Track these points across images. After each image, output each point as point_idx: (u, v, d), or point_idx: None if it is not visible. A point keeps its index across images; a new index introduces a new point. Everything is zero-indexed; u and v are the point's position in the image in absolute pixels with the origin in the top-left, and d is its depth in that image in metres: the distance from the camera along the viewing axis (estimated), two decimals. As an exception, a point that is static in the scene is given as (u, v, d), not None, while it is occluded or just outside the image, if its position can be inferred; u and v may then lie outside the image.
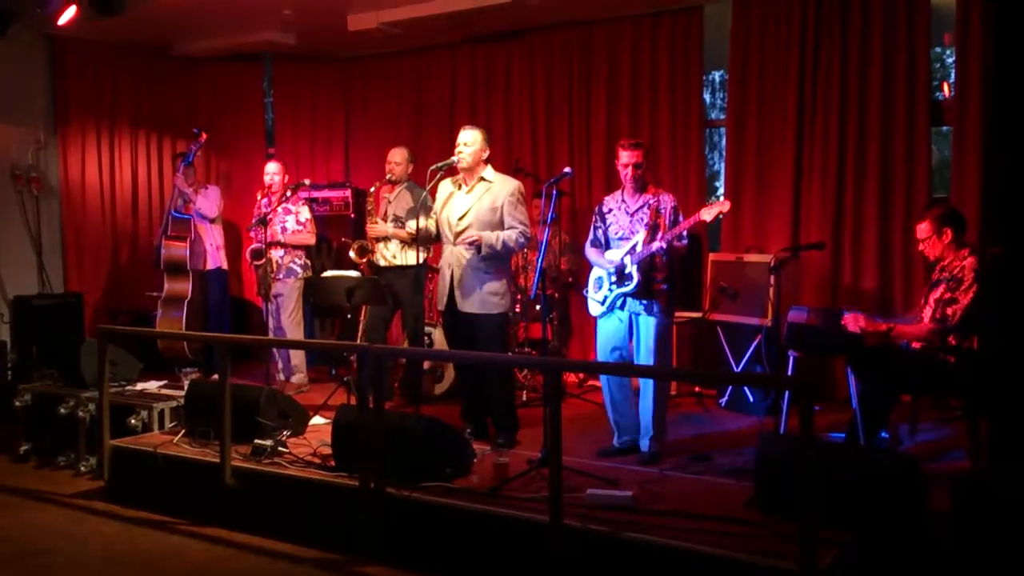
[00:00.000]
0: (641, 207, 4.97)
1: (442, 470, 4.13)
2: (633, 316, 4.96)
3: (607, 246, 5.09)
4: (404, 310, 6.44)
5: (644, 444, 5.00)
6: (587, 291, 5.19)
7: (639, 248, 4.85)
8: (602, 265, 5.05)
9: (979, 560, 2.71)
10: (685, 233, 4.85)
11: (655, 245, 4.78)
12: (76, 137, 8.18)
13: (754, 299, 6.05)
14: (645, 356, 4.92)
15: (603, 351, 5.13)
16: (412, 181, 6.59)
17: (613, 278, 4.96)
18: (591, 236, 5.21)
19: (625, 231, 4.99)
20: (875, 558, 3.39)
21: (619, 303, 4.97)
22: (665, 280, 4.92)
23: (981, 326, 4.30)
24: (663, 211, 4.92)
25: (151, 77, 8.68)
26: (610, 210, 5.11)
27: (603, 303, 5.02)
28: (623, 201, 5.06)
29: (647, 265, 4.86)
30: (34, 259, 7.86)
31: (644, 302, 4.90)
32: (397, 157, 6.54)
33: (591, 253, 5.17)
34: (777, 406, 5.51)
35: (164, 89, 8.77)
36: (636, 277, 4.84)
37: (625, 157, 4.95)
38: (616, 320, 5.02)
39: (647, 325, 4.92)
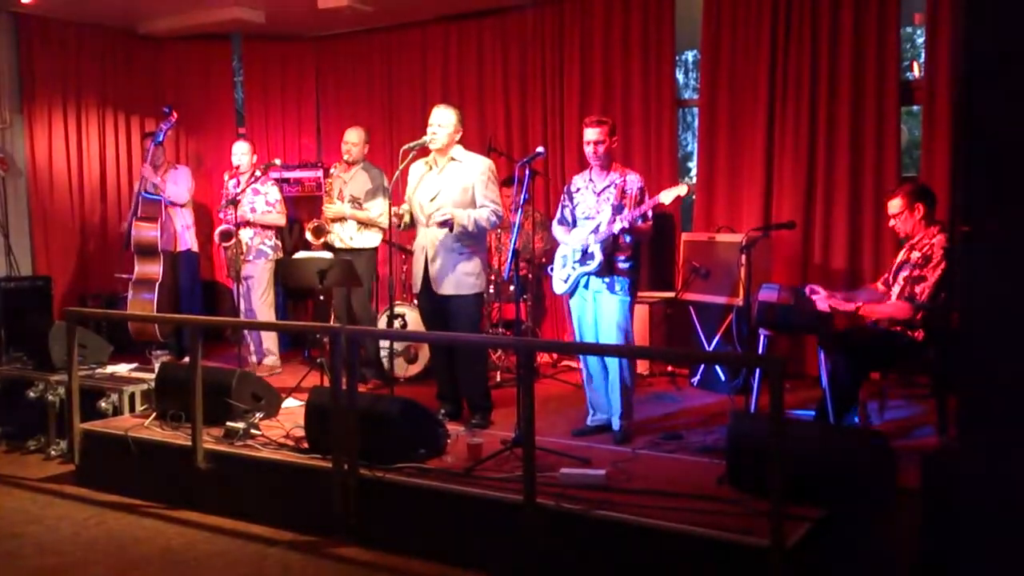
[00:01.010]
0: (607, 187, 4.99)
1: (416, 451, 4.13)
2: (595, 295, 4.99)
3: (574, 225, 5.11)
4: (353, 291, 6.43)
5: (615, 424, 5.04)
6: (551, 269, 5.21)
7: (602, 228, 4.87)
8: (567, 243, 5.07)
9: (947, 536, 2.75)
10: (650, 214, 4.87)
11: (617, 225, 4.80)
12: (42, 117, 8.06)
13: (726, 278, 6.09)
14: (606, 335, 4.96)
15: (578, 331, 5.15)
16: (368, 161, 6.60)
17: (576, 256, 4.99)
18: (558, 214, 5.23)
19: (591, 210, 5.01)
20: (845, 534, 3.44)
21: (584, 282, 5.01)
22: (628, 260, 4.95)
23: (949, 304, 4.35)
24: (629, 191, 4.94)
25: (117, 56, 8.57)
26: (578, 189, 5.12)
27: (566, 281, 5.06)
28: (590, 180, 5.07)
29: (610, 245, 4.88)
30: (1, 241, 7.74)
31: (607, 280, 4.93)
32: (353, 137, 6.55)
33: (557, 231, 5.19)
34: (748, 384, 5.55)
35: (131, 69, 8.66)
36: (598, 257, 4.88)
37: (589, 134, 4.96)
38: (582, 300, 5.06)
39: (609, 304, 4.95)
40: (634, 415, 5.15)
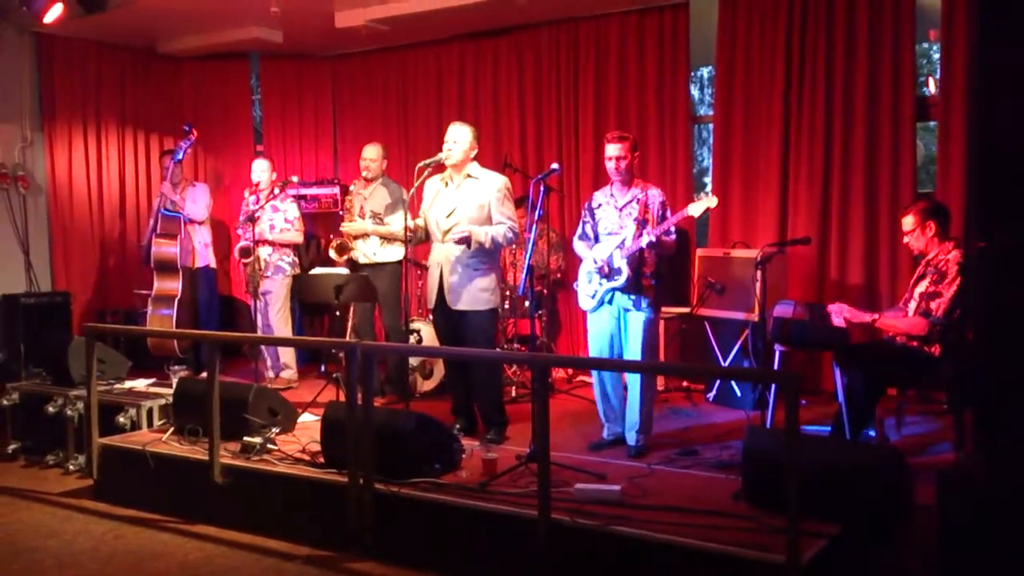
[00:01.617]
0: (630, 202, 5.00)
1: (431, 466, 4.14)
2: (622, 311, 5.00)
3: (596, 241, 5.12)
4: (382, 306, 6.46)
5: (631, 438, 5.04)
6: (577, 285, 5.22)
7: (628, 243, 4.88)
8: (588, 258, 5.08)
9: (963, 551, 2.74)
10: (673, 228, 4.88)
11: (644, 240, 4.81)
12: (63, 135, 8.15)
13: (741, 294, 6.08)
14: (633, 351, 4.96)
15: (594, 346, 5.16)
16: (387, 176, 6.64)
17: (604, 271, 4.99)
18: (579, 231, 5.24)
19: (614, 226, 5.03)
20: (861, 550, 3.42)
21: (608, 298, 5.00)
22: (653, 275, 4.96)
23: (965, 319, 4.34)
24: (651, 206, 4.95)
25: (137, 75, 8.67)
26: (599, 205, 5.14)
27: (593, 297, 5.06)
28: (612, 196, 5.09)
29: (636, 260, 4.89)
30: (21, 257, 7.82)
31: (633, 297, 4.94)
32: (372, 153, 6.59)
33: (579, 247, 5.20)
34: (764, 400, 5.54)
35: (150, 87, 8.77)
36: (625, 272, 4.88)
37: (610, 150, 4.98)
38: (606, 315, 5.05)
39: (636, 320, 4.96)
40: (652, 431, 5.15)
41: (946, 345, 4.51)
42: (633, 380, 5.04)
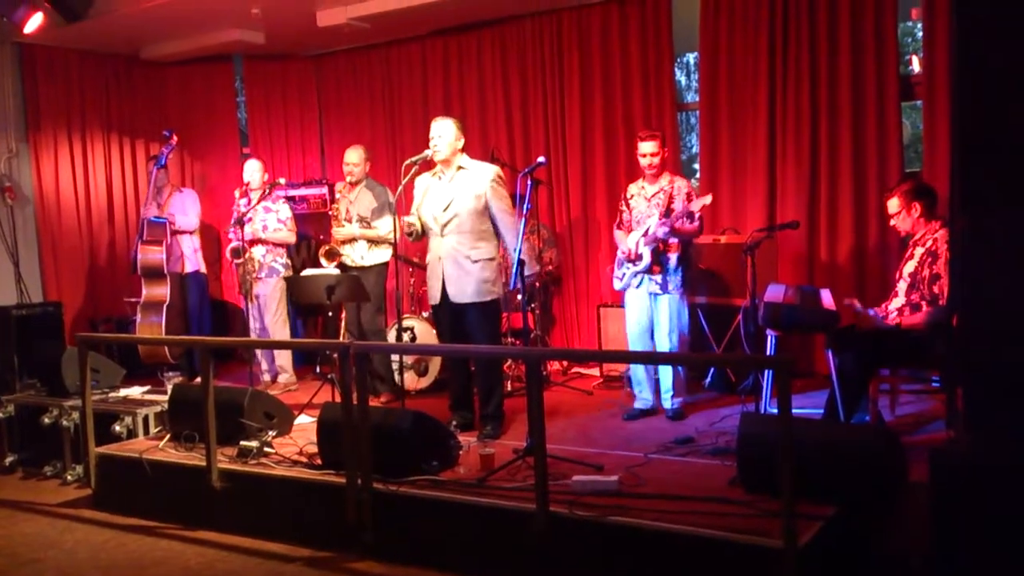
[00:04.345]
0: (656, 193, 5.50)
1: (428, 463, 4.16)
2: (651, 296, 5.46)
3: (630, 230, 5.56)
4: (362, 306, 6.45)
5: (668, 403, 5.51)
6: (610, 268, 5.78)
7: (651, 231, 5.34)
8: (621, 246, 5.57)
9: (956, 529, 2.75)
10: (699, 215, 5.34)
11: (660, 231, 5.27)
12: (48, 145, 8.13)
13: (733, 280, 6.10)
14: (660, 332, 5.45)
15: (630, 324, 5.62)
16: (371, 179, 6.62)
17: (631, 257, 5.46)
18: (617, 220, 5.75)
19: (642, 215, 5.51)
20: (858, 530, 3.44)
21: (636, 282, 5.47)
22: (679, 261, 5.41)
23: (951, 297, 4.34)
24: (677, 197, 5.41)
25: (121, 82, 8.65)
26: (632, 196, 5.63)
27: (621, 279, 5.58)
28: (643, 187, 5.62)
29: (658, 246, 5.36)
30: (11, 269, 7.81)
31: (659, 281, 5.40)
32: (353, 157, 6.55)
33: (617, 236, 5.74)
34: (758, 385, 5.55)
35: (135, 93, 8.75)
36: (647, 258, 5.39)
37: (644, 148, 5.46)
38: (638, 296, 5.54)
39: (663, 303, 5.45)
40: (684, 393, 5.62)
41: (937, 325, 4.51)
42: (663, 349, 5.46)
